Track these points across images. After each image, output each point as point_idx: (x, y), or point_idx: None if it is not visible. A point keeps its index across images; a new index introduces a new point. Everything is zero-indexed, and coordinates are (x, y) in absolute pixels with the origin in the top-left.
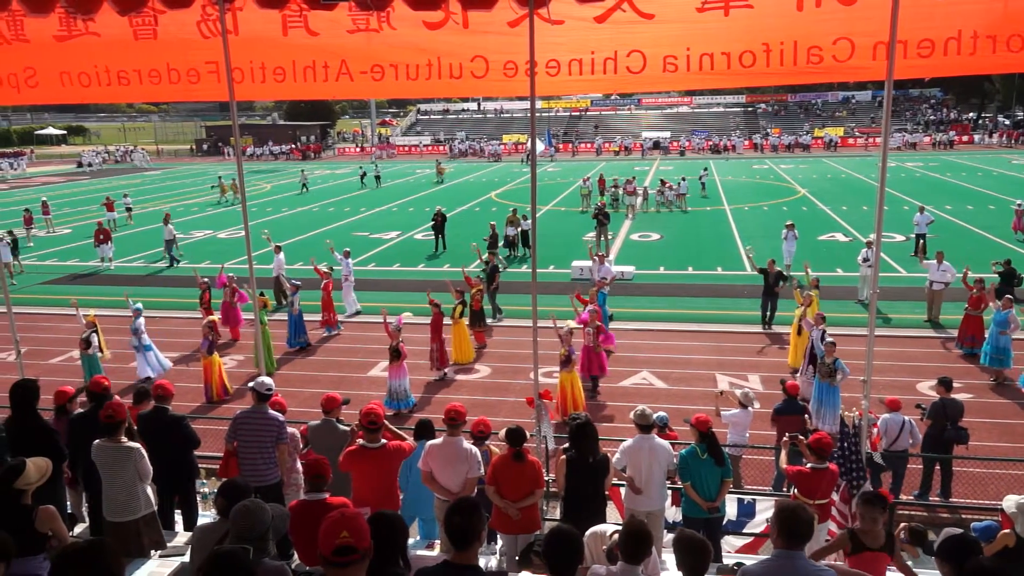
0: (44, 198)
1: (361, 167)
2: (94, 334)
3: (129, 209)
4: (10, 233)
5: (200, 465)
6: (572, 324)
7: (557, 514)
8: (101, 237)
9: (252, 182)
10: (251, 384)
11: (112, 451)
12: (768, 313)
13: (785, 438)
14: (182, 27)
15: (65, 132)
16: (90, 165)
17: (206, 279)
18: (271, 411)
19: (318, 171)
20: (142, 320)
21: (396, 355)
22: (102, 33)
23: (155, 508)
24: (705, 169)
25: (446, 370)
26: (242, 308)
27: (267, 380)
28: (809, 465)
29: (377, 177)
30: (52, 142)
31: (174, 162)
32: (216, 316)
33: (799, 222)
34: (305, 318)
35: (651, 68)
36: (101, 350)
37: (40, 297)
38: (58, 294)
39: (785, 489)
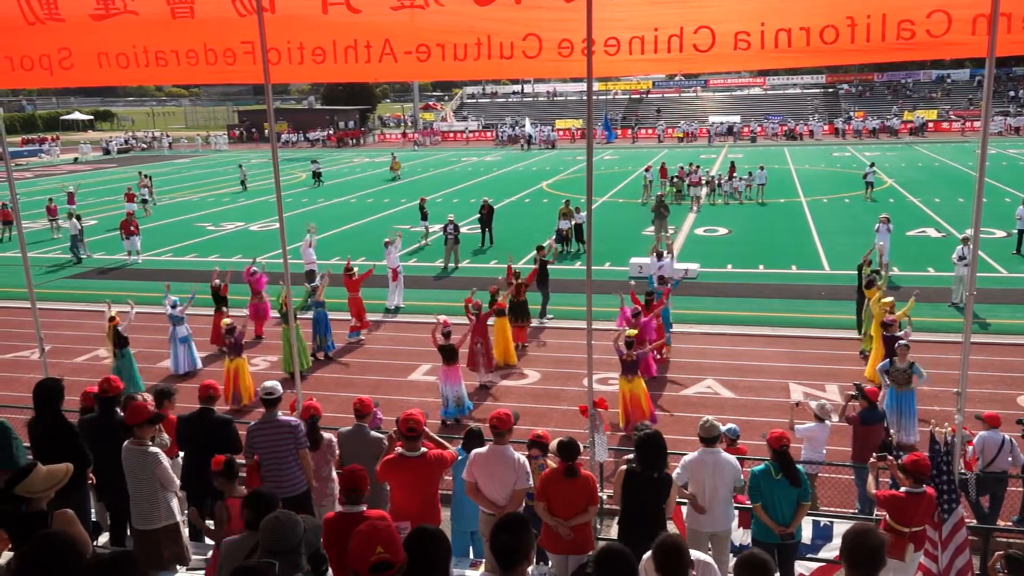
0: (70, 188)
1: (313, 160)
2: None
3: (145, 201)
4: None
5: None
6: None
7: (612, 533)
8: (131, 229)
9: (287, 171)
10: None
11: (134, 454)
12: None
13: (873, 458)
14: (218, 5)
15: (92, 117)
16: (167, 146)
17: (218, 281)
18: (284, 416)
19: (356, 159)
20: (180, 308)
21: (451, 357)
22: (140, 12)
23: (179, 519)
24: (872, 164)
25: (488, 377)
26: (270, 305)
27: (268, 384)
28: (904, 488)
29: (318, 175)
30: (79, 128)
31: (207, 150)
32: (228, 320)
33: None
34: (330, 318)
35: (720, 46)
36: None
37: (65, 292)
38: (83, 289)
39: (875, 514)
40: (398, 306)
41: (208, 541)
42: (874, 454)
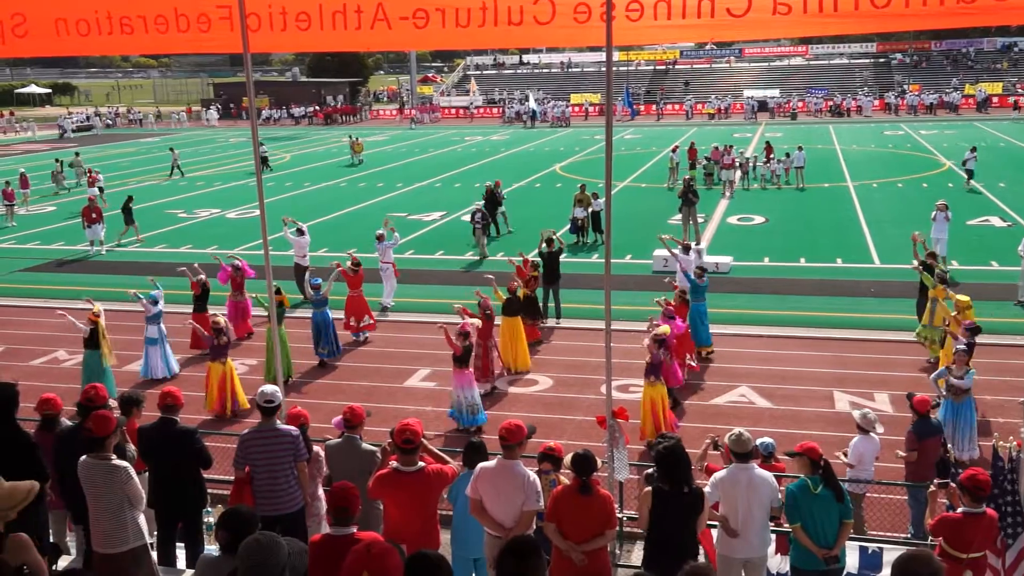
0: (22, 170)
1: (260, 143)
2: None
3: (101, 189)
4: None
5: (208, 490)
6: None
7: (633, 560)
8: (93, 216)
9: (269, 151)
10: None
11: (97, 469)
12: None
13: (933, 486)
14: None
15: (50, 91)
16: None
17: (201, 275)
18: (282, 425)
19: (345, 139)
20: (161, 304)
21: (465, 360)
22: None
23: (147, 540)
24: (974, 148)
25: (494, 383)
26: (252, 302)
27: (268, 389)
28: (960, 509)
29: (265, 160)
30: (35, 102)
31: (198, 126)
32: (219, 316)
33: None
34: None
35: (757, 10)
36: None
37: (20, 287)
38: (40, 283)
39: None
40: (385, 306)
41: (180, 564)
42: (935, 481)
